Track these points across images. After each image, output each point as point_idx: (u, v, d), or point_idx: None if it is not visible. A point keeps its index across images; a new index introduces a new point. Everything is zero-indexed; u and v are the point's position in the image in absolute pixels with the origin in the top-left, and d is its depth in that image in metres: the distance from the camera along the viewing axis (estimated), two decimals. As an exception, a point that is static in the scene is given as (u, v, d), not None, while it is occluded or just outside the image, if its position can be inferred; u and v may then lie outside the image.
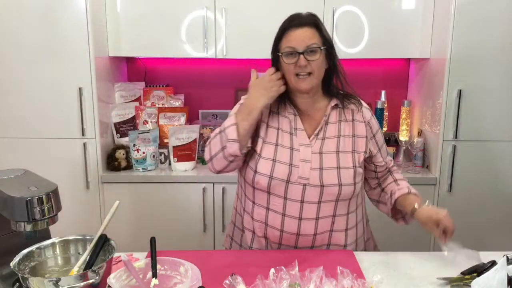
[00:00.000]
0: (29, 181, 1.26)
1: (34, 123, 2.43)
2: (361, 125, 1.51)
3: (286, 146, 1.46)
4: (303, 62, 1.39)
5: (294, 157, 1.44)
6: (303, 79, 1.41)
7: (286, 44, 1.41)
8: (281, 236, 1.48)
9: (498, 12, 2.30)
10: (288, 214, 1.45)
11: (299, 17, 1.46)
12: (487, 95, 2.39)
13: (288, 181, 1.42)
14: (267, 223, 1.49)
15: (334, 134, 1.48)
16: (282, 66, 1.43)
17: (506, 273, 1.10)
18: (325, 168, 1.43)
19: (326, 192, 1.43)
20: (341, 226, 1.50)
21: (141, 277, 1.15)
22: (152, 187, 2.49)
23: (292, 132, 1.47)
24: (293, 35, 1.41)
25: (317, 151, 1.45)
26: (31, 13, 2.32)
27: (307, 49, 1.39)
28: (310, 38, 1.40)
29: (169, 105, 2.76)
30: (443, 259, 1.41)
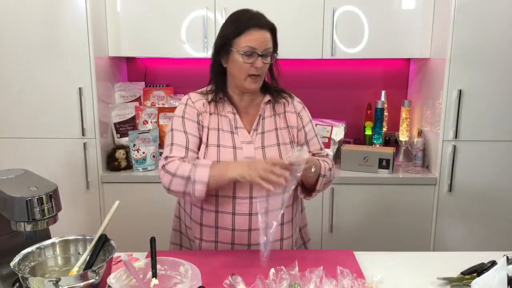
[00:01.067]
0: (29, 181, 1.26)
1: (34, 123, 2.43)
2: (293, 115, 1.56)
3: (228, 145, 1.47)
4: (260, 64, 1.42)
5: (238, 156, 1.46)
6: (254, 80, 1.45)
7: (247, 43, 1.41)
8: (233, 235, 1.49)
9: (498, 12, 2.30)
10: (238, 212, 1.45)
11: (261, 18, 1.46)
12: (487, 95, 2.39)
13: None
14: (217, 225, 1.49)
15: (271, 128, 1.53)
16: (234, 62, 1.44)
17: (506, 273, 1.10)
18: None
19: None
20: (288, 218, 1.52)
21: (141, 277, 1.15)
22: (152, 187, 2.49)
23: (233, 131, 1.50)
24: (255, 35, 1.42)
25: (259, 146, 1.49)
26: (31, 13, 2.32)
27: (265, 52, 1.43)
28: (268, 42, 1.44)
29: (169, 105, 2.76)
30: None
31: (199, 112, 1.50)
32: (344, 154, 2.57)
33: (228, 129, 1.50)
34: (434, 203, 2.50)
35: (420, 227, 2.54)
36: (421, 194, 2.50)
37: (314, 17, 2.52)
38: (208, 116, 1.50)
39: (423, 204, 2.52)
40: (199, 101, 1.52)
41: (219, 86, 1.53)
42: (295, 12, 2.51)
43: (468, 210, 2.50)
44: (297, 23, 2.53)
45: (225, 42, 1.45)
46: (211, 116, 1.51)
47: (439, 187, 2.48)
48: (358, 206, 2.52)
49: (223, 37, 1.46)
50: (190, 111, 1.50)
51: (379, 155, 2.52)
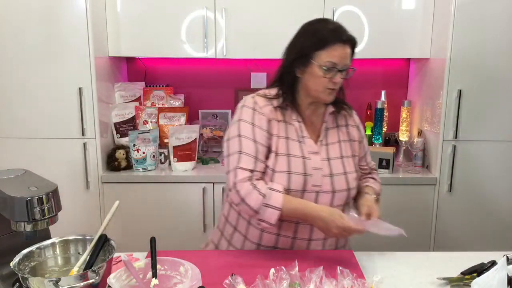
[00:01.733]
0: (29, 181, 1.26)
1: (34, 123, 2.43)
2: (354, 129, 1.57)
3: (297, 155, 1.44)
4: (339, 80, 1.41)
5: (307, 166, 1.43)
6: (331, 92, 1.44)
7: (329, 58, 1.37)
8: (293, 242, 1.48)
9: (498, 12, 2.30)
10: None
11: (344, 32, 1.41)
12: (487, 95, 2.39)
13: (304, 191, 1.43)
14: (279, 233, 1.47)
15: (335, 140, 1.52)
16: (312, 74, 1.40)
17: (506, 273, 1.10)
18: (335, 174, 1.46)
19: (337, 197, 1.46)
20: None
21: (141, 277, 1.15)
22: (152, 187, 2.49)
23: (300, 140, 1.46)
24: (338, 50, 1.38)
25: (325, 157, 1.47)
26: (31, 13, 2.32)
27: (345, 67, 1.41)
28: (348, 58, 1.41)
29: (169, 105, 2.76)
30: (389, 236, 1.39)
31: (268, 119, 1.44)
32: (344, 154, 2.57)
33: (295, 138, 1.46)
34: (434, 203, 2.50)
35: (420, 227, 2.54)
36: (421, 194, 2.50)
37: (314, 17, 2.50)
38: (277, 124, 1.45)
39: (423, 204, 2.52)
40: (266, 107, 1.45)
41: (288, 94, 1.47)
42: (295, 12, 2.51)
43: (468, 210, 2.50)
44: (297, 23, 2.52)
45: (304, 54, 1.40)
46: (279, 124, 1.46)
47: (439, 187, 2.48)
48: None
49: (302, 48, 1.41)
50: (259, 118, 1.44)
51: (379, 155, 2.52)
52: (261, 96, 1.48)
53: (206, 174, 2.51)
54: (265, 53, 2.55)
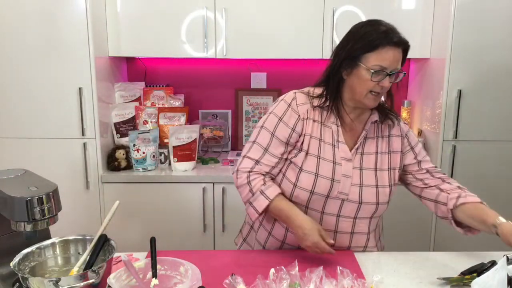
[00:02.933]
0: (29, 181, 1.26)
1: (34, 123, 2.43)
2: (397, 139, 1.48)
3: (328, 159, 1.40)
4: (387, 84, 1.34)
5: (336, 172, 1.40)
6: (374, 97, 1.36)
7: (378, 61, 1.31)
8: None
9: (498, 12, 2.30)
10: (324, 227, 1.40)
11: (396, 34, 1.36)
12: (487, 95, 2.39)
13: (328, 196, 1.40)
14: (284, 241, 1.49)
15: (372, 150, 1.46)
16: (358, 77, 1.35)
17: (506, 273, 1.10)
18: (365, 185, 1.41)
19: (363, 209, 1.43)
20: (373, 243, 1.53)
21: (141, 277, 1.15)
22: (152, 187, 2.49)
23: (335, 144, 1.42)
24: (389, 54, 1.31)
25: (357, 166, 1.42)
26: (31, 13, 2.32)
27: (394, 71, 1.34)
28: (399, 61, 1.35)
29: (169, 105, 2.76)
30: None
31: (301, 118, 1.42)
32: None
33: (329, 141, 1.42)
34: (434, 203, 2.50)
35: (420, 227, 2.54)
36: (421, 194, 2.50)
37: (314, 17, 2.52)
38: (312, 123, 1.42)
39: (423, 204, 2.51)
40: (304, 105, 1.43)
41: (331, 95, 1.42)
42: (295, 12, 2.51)
43: (468, 210, 2.50)
44: (297, 23, 2.53)
45: (353, 55, 1.34)
46: (314, 124, 1.42)
47: (439, 187, 2.48)
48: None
49: (350, 50, 1.35)
50: (290, 115, 1.42)
51: (379, 155, 2.52)
52: (303, 94, 1.46)
53: (206, 174, 2.51)
54: (265, 53, 2.56)
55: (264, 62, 2.87)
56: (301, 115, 1.42)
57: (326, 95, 1.43)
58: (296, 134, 1.42)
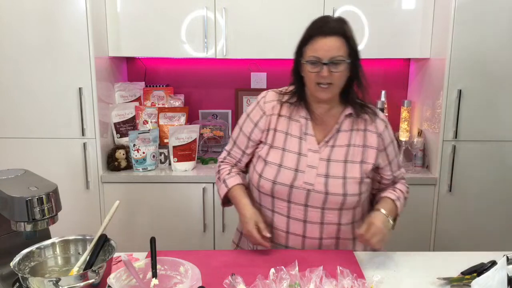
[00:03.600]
0: (29, 181, 1.26)
1: (34, 123, 2.43)
2: (373, 136, 1.48)
3: (293, 151, 1.45)
4: (326, 73, 1.36)
5: (301, 162, 1.43)
6: (323, 89, 1.40)
7: (311, 52, 1.37)
8: (287, 237, 1.49)
9: (498, 12, 2.30)
10: (293, 216, 1.45)
11: (328, 24, 1.38)
12: (487, 95, 2.39)
13: (292, 186, 1.43)
14: (273, 225, 1.50)
15: (344, 143, 1.46)
16: (304, 71, 1.42)
17: (506, 273, 1.10)
18: (331, 176, 1.42)
19: (330, 200, 1.43)
20: (348, 235, 1.51)
21: (141, 277, 1.15)
22: (152, 187, 2.49)
23: (302, 136, 1.46)
24: (320, 43, 1.35)
25: (325, 158, 1.44)
26: (31, 13, 2.32)
27: (332, 60, 1.35)
28: (336, 50, 1.35)
29: (169, 105, 2.76)
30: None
31: (266, 114, 1.50)
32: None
33: (296, 134, 1.47)
34: (434, 203, 2.50)
35: (420, 227, 2.54)
36: (421, 194, 2.50)
37: (314, 17, 2.49)
38: (276, 118, 1.49)
39: (423, 204, 2.52)
40: (271, 102, 1.51)
41: (298, 91, 1.49)
42: (295, 12, 2.51)
43: (468, 210, 2.50)
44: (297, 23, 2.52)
45: (297, 52, 1.43)
46: (280, 118, 1.49)
47: (439, 187, 2.48)
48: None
49: (297, 49, 1.43)
50: (256, 112, 1.53)
51: (379, 155, 2.52)
52: (275, 92, 1.55)
53: (206, 174, 2.50)
54: (265, 53, 2.56)
55: (264, 62, 2.87)
56: (266, 111, 1.51)
57: (293, 92, 1.51)
58: (258, 129, 1.51)
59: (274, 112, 1.50)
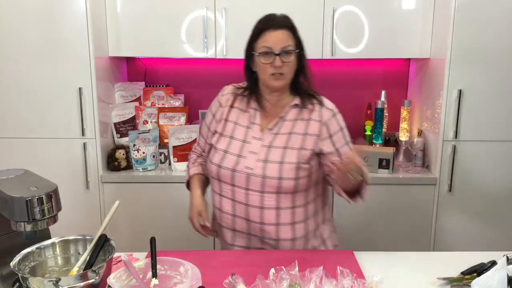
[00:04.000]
0: (29, 181, 1.26)
1: (34, 123, 2.43)
2: (316, 124, 1.53)
3: (238, 138, 1.56)
4: (279, 63, 1.46)
5: (244, 149, 1.53)
6: (277, 78, 1.49)
7: (263, 44, 1.47)
8: (233, 220, 1.55)
9: (498, 12, 2.30)
10: (237, 199, 1.53)
11: (275, 19, 1.53)
12: (487, 95, 2.39)
13: (234, 170, 1.51)
14: (220, 208, 1.58)
15: (287, 131, 1.54)
16: (257, 65, 1.51)
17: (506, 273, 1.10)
18: (269, 161, 1.49)
19: (267, 183, 1.48)
20: (287, 220, 1.52)
21: (141, 277, 1.15)
22: (152, 187, 2.49)
23: (249, 126, 1.57)
24: (271, 36, 1.47)
25: (266, 144, 1.52)
26: (31, 13, 2.32)
27: (283, 50, 1.46)
28: (285, 41, 1.48)
29: (169, 105, 2.76)
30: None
31: (222, 106, 1.63)
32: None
33: (244, 124, 1.57)
34: (434, 203, 2.50)
35: (420, 227, 2.54)
36: (421, 194, 2.50)
37: (314, 17, 2.52)
38: (228, 109, 1.61)
39: (423, 204, 2.52)
40: (226, 95, 1.65)
41: (250, 85, 1.61)
42: (295, 12, 2.49)
43: (468, 210, 2.50)
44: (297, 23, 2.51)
45: (248, 47, 1.53)
46: (232, 109, 1.61)
47: (439, 187, 2.48)
48: (358, 206, 2.50)
49: (247, 44, 1.54)
50: (214, 104, 1.67)
51: (379, 155, 2.52)
52: (234, 86, 1.68)
53: (206, 174, 2.50)
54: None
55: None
56: (222, 103, 1.64)
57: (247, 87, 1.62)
58: (215, 120, 1.63)
59: (228, 104, 1.62)
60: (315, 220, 1.59)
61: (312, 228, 1.57)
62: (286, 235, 1.52)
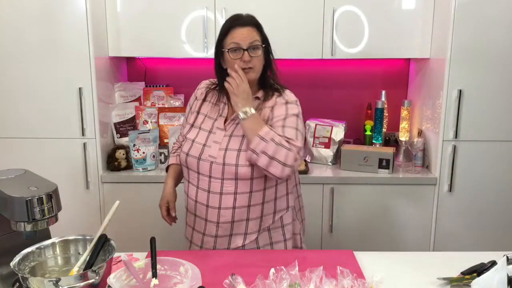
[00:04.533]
0: (29, 181, 1.26)
1: (34, 123, 2.43)
2: (267, 110, 1.61)
3: (206, 129, 1.65)
4: (247, 57, 1.54)
5: (210, 139, 1.62)
6: (246, 72, 1.56)
7: (231, 40, 1.55)
8: (195, 206, 1.65)
9: (498, 12, 2.30)
10: (200, 187, 1.62)
11: (241, 17, 1.61)
12: (487, 95, 2.39)
13: (200, 158, 1.60)
14: (188, 194, 1.69)
15: None
16: (227, 61, 1.59)
17: (506, 273, 1.10)
18: (229, 149, 1.57)
19: (226, 170, 1.56)
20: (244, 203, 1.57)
21: (141, 277, 1.15)
22: (152, 187, 2.49)
23: (217, 118, 1.66)
24: (238, 32, 1.55)
25: (228, 134, 1.61)
26: (31, 13, 2.32)
27: (250, 46, 1.55)
28: (252, 37, 1.56)
29: (169, 105, 2.76)
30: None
31: (197, 99, 1.74)
32: (344, 154, 2.57)
33: (213, 116, 1.67)
34: (434, 203, 2.50)
35: (420, 227, 2.54)
36: (421, 194, 2.50)
37: (314, 17, 2.52)
38: (201, 102, 1.72)
39: (423, 204, 2.52)
40: (201, 89, 1.76)
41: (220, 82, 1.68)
42: (295, 12, 2.51)
43: (468, 210, 2.50)
44: (297, 23, 2.53)
45: (217, 45, 1.61)
46: (204, 103, 1.72)
47: (439, 187, 2.48)
48: (358, 206, 2.52)
49: (216, 42, 1.62)
50: (192, 98, 1.78)
51: (379, 155, 2.52)
52: (209, 81, 1.78)
53: (206, 174, 2.50)
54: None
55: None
56: (197, 96, 1.75)
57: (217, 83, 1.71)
58: (191, 113, 1.74)
59: (201, 98, 1.73)
60: (274, 205, 1.63)
61: (269, 212, 1.63)
62: (241, 216, 1.59)
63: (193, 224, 1.70)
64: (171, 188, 1.79)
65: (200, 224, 1.66)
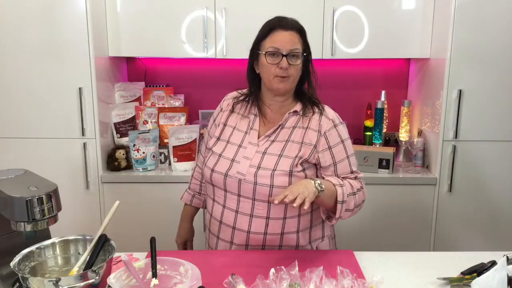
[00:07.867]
0: (29, 181, 1.26)
1: (34, 123, 2.43)
2: (314, 134, 1.48)
3: (235, 143, 1.52)
4: (285, 64, 1.41)
5: (239, 154, 1.49)
6: (281, 80, 1.44)
7: (271, 44, 1.43)
8: (219, 228, 1.53)
9: (498, 12, 2.30)
10: (227, 206, 1.50)
11: (286, 20, 1.48)
12: (487, 95, 2.39)
13: (227, 175, 1.48)
14: (211, 214, 1.56)
15: (284, 139, 1.49)
16: (262, 65, 1.47)
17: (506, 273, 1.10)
18: (262, 167, 1.45)
19: (258, 190, 1.44)
20: (276, 230, 1.48)
21: (141, 277, 1.15)
22: (152, 187, 2.49)
23: (247, 131, 1.53)
24: (279, 36, 1.43)
25: (261, 151, 1.48)
26: (31, 13, 2.32)
27: (290, 52, 1.42)
28: (294, 43, 1.43)
29: (169, 105, 2.76)
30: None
31: (222, 111, 1.61)
32: (344, 154, 2.56)
33: (243, 129, 1.54)
34: (434, 203, 2.50)
35: (420, 227, 2.54)
36: (421, 194, 2.50)
37: (314, 17, 2.52)
38: (228, 114, 1.59)
39: (423, 204, 2.52)
40: (228, 100, 1.63)
41: (252, 90, 1.56)
42: (295, 12, 2.49)
43: (468, 210, 2.50)
44: (297, 23, 2.53)
45: (254, 46, 1.49)
46: (232, 114, 1.58)
47: (439, 187, 2.48)
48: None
49: (254, 43, 1.50)
50: (217, 110, 1.65)
51: (379, 155, 2.52)
52: (237, 92, 1.64)
53: (206, 174, 2.50)
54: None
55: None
56: (223, 107, 1.62)
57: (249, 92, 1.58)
58: (215, 125, 1.61)
59: (228, 109, 1.60)
60: (308, 234, 1.52)
61: (304, 243, 1.52)
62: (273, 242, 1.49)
63: (215, 245, 1.57)
64: (188, 229, 1.77)
65: (224, 246, 1.54)
